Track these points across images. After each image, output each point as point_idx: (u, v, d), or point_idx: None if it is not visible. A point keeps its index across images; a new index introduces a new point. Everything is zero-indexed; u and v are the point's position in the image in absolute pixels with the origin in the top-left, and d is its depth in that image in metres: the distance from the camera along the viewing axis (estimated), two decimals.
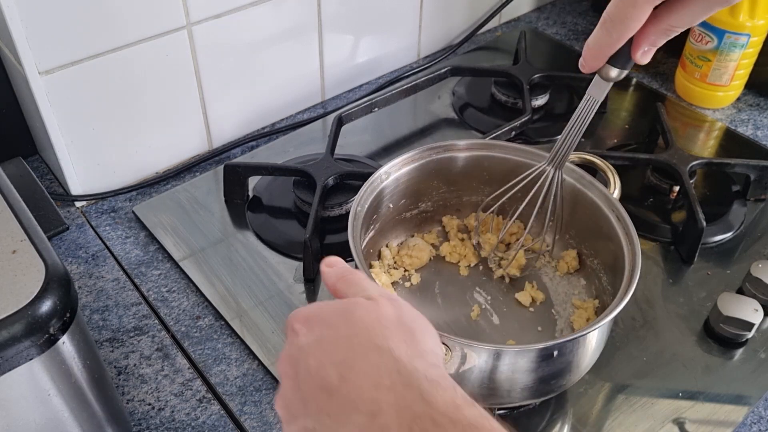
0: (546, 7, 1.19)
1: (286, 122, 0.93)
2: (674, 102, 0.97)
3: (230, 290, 0.69)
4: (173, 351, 0.65)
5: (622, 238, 0.60)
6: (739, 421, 0.61)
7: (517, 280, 0.69)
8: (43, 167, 0.84)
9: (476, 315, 0.66)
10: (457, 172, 0.69)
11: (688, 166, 0.78)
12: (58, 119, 0.72)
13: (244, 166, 0.78)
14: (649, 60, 0.50)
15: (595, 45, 0.50)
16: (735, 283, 0.71)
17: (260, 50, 0.84)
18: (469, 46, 1.08)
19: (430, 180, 0.69)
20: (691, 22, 0.47)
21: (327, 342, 0.39)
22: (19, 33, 0.65)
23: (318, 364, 0.38)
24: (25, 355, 0.41)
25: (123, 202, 0.80)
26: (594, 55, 0.51)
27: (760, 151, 0.89)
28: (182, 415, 0.60)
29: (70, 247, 0.75)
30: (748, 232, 0.78)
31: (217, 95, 0.83)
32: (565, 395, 0.62)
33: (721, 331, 0.66)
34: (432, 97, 0.95)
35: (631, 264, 0.57)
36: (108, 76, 0.73)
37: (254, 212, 0.78)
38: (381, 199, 0.66)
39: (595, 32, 0.49)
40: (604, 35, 0.49)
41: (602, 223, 0.63)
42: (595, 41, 0.50)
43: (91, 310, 0.68)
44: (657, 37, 0.48)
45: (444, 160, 0.68)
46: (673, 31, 0.47)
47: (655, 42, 0.49)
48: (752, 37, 0.88)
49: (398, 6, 0.96)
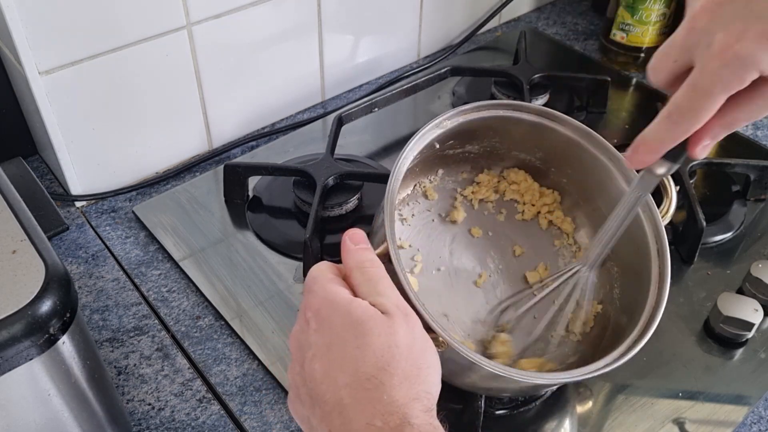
0: (546, 7, 1.19)
1: (286, 122, 0.93)
2: None
3: (230, 290, 0.69)
4: (173, 351, 0.65)
5: (653, 270, 0.57)
6: (739, 421, 0.61)
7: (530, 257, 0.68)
8: (43, 167, 0.84)
9: (481, 282, 0.65)
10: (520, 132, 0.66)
11: (688, 166, 0.78)
12: (58, 119, 0.72)
13: (244, 166, 0.78)
14: (705, 155, 0.46)
15: (654, 139, 0.45)
16: (735, 283, 0.71)
17: (260, 50, 0.84)
18: (469, 46, 1.08)
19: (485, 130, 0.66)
20: (757, 115, 0.43)
21: (335, 354, 0.41)
22: (19, 33, 0.65)
23: (324, 373, 0.41)
24: (25, 355, 0.41)
25: (123, 202, 0.80)
26: (651, 149, 0.46)
27: (760, 151, 0.89)
28: (182, 415, 0.60)
29: (70, 247, 0.75)
30: (748, 232, 0.78)
31: (217, 95, 0.83)
32: (566, 395, 0.62)
33: (721, 331, 0.66)
34: (432, 97, 0.95)
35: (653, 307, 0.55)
36: (108, 76, 0.73)
37: (254, 212, 0.78)
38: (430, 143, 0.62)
39: (656, 124, 0.45)
40: (669, 128, 0.44)
41: (640, 248, 0.59)
42: (655, 134, 0.45)
43: (91, 310, 0.68)
44: (720, 131, 0.44)
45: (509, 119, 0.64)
46: (737, 125, 0.44)
47: (717, 136, 0.44)
48: None
49: (398, 6, 0.96)
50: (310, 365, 0.41)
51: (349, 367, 0.40)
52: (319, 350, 0.41)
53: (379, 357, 0.40)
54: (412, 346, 0.41)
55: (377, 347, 0.40)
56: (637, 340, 0.52)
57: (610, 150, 0.62)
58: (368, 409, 0.39)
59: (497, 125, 0.65)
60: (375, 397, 0.39)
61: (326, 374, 0.40)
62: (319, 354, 0.41)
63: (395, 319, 0.41)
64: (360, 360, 0.40)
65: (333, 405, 0.40)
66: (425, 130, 0.60)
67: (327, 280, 0.44)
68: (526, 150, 0.68)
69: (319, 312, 0.42)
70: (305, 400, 0.42)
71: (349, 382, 0.39)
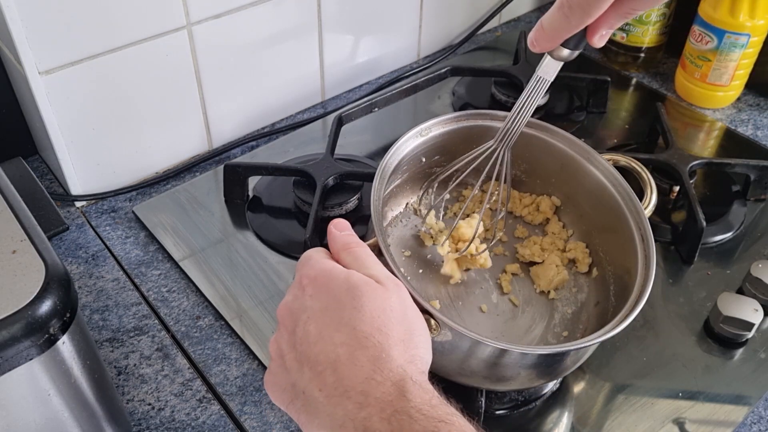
0: (546, 7, 1.18)
1: (286, 122, 0.93)
2: (674, 102, 0.97)
3: (230, 290, 0.69)
4: (173, 351, 0.65)
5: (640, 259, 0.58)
6: (739, 421, 0.61)
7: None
8: (43, 167, 0.84)
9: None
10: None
11: (688, 166, 0.78)
12: (58, 119, 0.72)
13: (244, 166, 0.78)
14: (604, 43, 0.48)
15: (549, 28, 0.47)
16: (735, 283, 0.71)
17: (260, 50, 0.84)
18: (469, 46, 1.08)
19: (468, 143, 0.67)
20: (652, 3, 0.45)
21: (331, 316, 0.42)
22: (19, 33, 0.65)
23: (318, 334, 0.41)
24: (25, 355, 0.41)
25: (123, 202, 0.80)
26: (548, 37, 0.48)
27: (760, 151, 0.89)
28: (182, 415, 0.60)
29: (70, 247, 0.75)
30: (748, 232, 0.78)
31: (217, 95, 0.83)
32: (566, 395, 0.62)
33: (721, 331, 0.66)
34: (432, 97, 0.95)
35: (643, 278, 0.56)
36: (108, 76, 0.73)
37: (254, 212, 0.78)
38: (414, 153, 0.66)
39: (551, 14, 0.46)
40: (562, 20, 0.46)
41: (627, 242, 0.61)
42: (551, 24, 0.47)
43: (91, 310, 0.68)
44: (616, 20, 0.46)
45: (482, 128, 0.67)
46: (633, 13, 0.45)
47: (613, 25, 0.46)
48: (752, 37, 0.88)
49: (398, 6, 0.96)
50: (305, 328, 0.42)
51: (346, 327, 0.41)
52: (315, 313, 0.42)
53: (376, 318, 0.41)
54: (405, 312, 0.43)
55: (374, 309, 0.41)
56: (632, 309, 0.54)
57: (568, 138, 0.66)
58: (367, 365, 0.40)
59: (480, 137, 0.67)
60: (373, 354, 0.40)
61: (321, 335, 0.41)
62: (315, 316, 0.42)
63: (388, 287, 0.43)
64: (357, 320, 0.41)
65: (327, 364, 0.40)
66: (408, 135, 0.64)
67: (321, 257, 0.46)
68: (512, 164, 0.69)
69: (316, 279, 0.44)
70: (291, 366, 0.42)
71: (346, 341, 0.40)
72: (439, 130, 0.66)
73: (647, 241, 0.59)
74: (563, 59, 0.51)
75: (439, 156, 0.68)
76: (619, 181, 0.64)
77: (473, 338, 0.50)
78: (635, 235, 0.60)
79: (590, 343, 0.52)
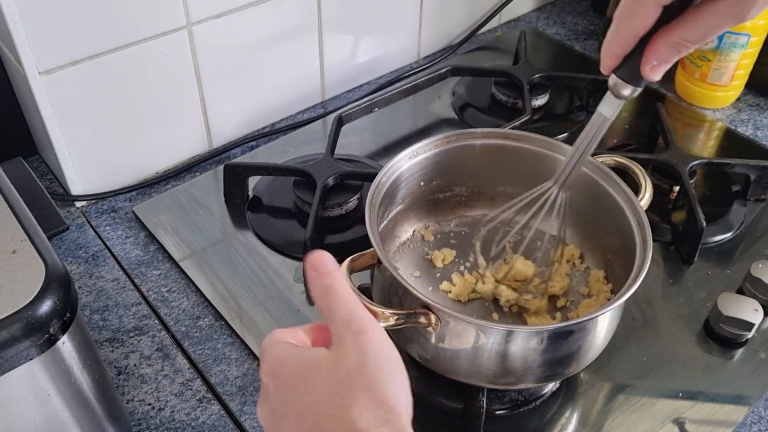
0: (546, 7, 1.19)
1: (286, 122, 0.93)
2: (674, 102, 0.97)
3: (230, 290, 0.69)
4: (173, 351, 0.65)
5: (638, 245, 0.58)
6: (739, 421, 0.61)
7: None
8: (43, 167, 0.84)
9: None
10: (486, 160, 0.69)
11: (688, 166, 0.78)
12: (58, 119, 0.72)
13: (244, 166, 0.78)
14: (659, 77, 0.48)
15: (606, 42, 0.49)
16: (735, 283, 0.71)
17: (260, 50, 0.84)
18: (469, 46, 1.08)
19: (464, 164, 0.69)
20: (702, 36, 0.45)
21: (293, 407, 0.40)
22: (19, 33, 0.65)
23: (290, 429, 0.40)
24: (25, 355, 0.41)
25: (123, 202, 0.80)
26: (606, 53, 0.49)
27: (760, 151, 0.89)
28: (182, 415, 0.60)
29: (70, 247, 0.75)
30: (748, 232, 0.78)
31: (217, 95, 0.83)
32: (566, 395, 0.62)
33: (721, 331, 0.66)
34: (432, 97, 0.95)
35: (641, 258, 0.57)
36: (108, 76, 0.73)
37: (254, 212, 0.78)
38: (411, 176, 0.66)
39: (608, 32, 0.48)
40: (614, 32, 0.47)
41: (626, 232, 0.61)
42: (607, 38, 0.48)
43: (91, 310, 0.68)
44: (667, 51, 0.46)
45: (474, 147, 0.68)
46: (684, 46, 0.45)
47: (666, 57, 0.46)
48: (752, 37, 0.88)
49: (398, 6, 0.96)
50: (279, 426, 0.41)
51: (309, 414, 0.40)
52: (281, 409, 0.41)
53: (332, 394, 0.39)
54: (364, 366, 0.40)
55: (328, 386, 0.40)
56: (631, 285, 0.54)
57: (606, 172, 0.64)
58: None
59: (477, 156, 0.68)
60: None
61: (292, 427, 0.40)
62: (281, 412, 0.41)
63: (341, 347, 0.41)
64: (316, 404, 0.39)
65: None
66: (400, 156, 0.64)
67: (273, 343, 0.44)
68: (510, 182, 0.70)
69: (272, 373, 0.42)
70: None
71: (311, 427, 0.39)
72: (432, 151, 0.66)
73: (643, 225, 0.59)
74: (623, 97, 0.51)
75: (439, 179, 0.69)
76: (608, 175, 0.64)
77: (477, 324, 0.49)
78: (632, 221, 0.60)
79: (590, 318, 0.53)
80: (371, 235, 0.56)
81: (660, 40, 0.46)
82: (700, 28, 0.44)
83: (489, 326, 0.52)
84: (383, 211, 0.64)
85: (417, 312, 0.52)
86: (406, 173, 0.65)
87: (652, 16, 0.45)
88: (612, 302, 0.53)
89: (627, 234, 0.60)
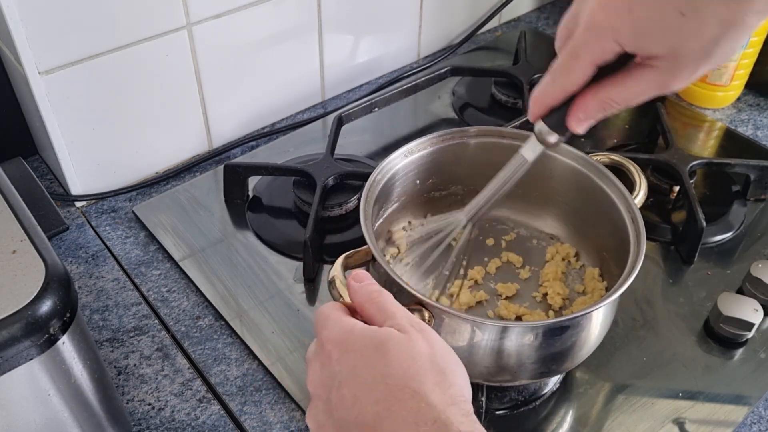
0: (546, 7, 1.19)
1: (286, 122, 0.93)
2: (674, 102, 0.97)
3: (230, 290, 0.69)
4: (173, 351, 0.65)
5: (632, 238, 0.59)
6: (739, 421, 0.61)
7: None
8: (43, 167, 0.84)
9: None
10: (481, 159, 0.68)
11: (688, 166, 0.78)
12: (58, 119, 0.72)
13: (244, 166, 0.78)
14: (583, 131, 0.49)
15: (539, 93, 0.49)
16: (735, 283, 0.71)
17: (260, 50, 0.84)
18: (469, 46, 1.08)
19: (460, 162, 0.69)
20: (628, 99, 0.45)
21: (362, 377, 0.41)
22: (19, 33, 0.65)
23: (353, 398, 0.40)
24: (25, 355, 0.41)
25: (123, 202, 0.80)
26: (536, 103, 0.50)
27: (760, 151, 0.89)
28: (182, 415, 0.60)
29: (70, 247, 0.75)
30: (748, 232, 0.78)
31: (217, 95, 0.83)
32: (565, 395, 0.62)
33: (721, 331, 0.66)
34: (432, 97, 0.95)
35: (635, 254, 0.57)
36: (108, 76, 0.73)
37: (254, 212, 0.78)
38: (406, 174, 0.66)
39: (542, 81, 0.49)
40: (548, 83, 0.48)
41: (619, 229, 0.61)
42: (540, 89, 0.49)
43: (91, 310, 0.68)
44: (593, 107, 0.47)
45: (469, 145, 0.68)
46: (610, 105, 0.46)
47: (591, 113, 0.47)
48: (752, 37, 0.88)
49: (398, 6, 0.96)
50: (338, 393, 0.41)
51: (379, 384, 0.40)
52: (345, 377, 0.41)
53: (407, 368, 0.40)
54: (434, 355, 0.42)
55: (403, 360, 0.41)
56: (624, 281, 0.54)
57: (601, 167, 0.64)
58: (408, 418, 0.39)
59: (472, 155, 0.67)
60: (412, 406, 0.39)
61: (356, 397, 0.40)
62: (346, 380, 0.41)
63: (412, 334, 0.43)
64: (389, 375, 0.40)
65: (367, 424, 0.40)
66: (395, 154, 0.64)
67: (339, 315, 0.45)
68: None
69: (339, 342, 0.43)
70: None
71: (381, 397, 0.40)
72: (427, 149, 0.66)
73: (637, 222, 0.59)
74: (547, 144, 0.52)
75: (434, 178, 0.69)
76: (603, 173, 0.64)
77: (471, 320, 0.50)
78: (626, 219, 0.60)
79: (584, 313, 0.53)
80: (365, 232, 0.56)
81: (588, 96, 0.46)
82: (627, 91, 0.45)
83: (484, 322, 0.52)
84: (378, 209, 0.64)
85: (411, 309, 0.52)
86: (401, 171, 0.65)
87: (587, 74, 0.45)
88: (605, 298, 0.53)
89: (622, 231, 0.60)
